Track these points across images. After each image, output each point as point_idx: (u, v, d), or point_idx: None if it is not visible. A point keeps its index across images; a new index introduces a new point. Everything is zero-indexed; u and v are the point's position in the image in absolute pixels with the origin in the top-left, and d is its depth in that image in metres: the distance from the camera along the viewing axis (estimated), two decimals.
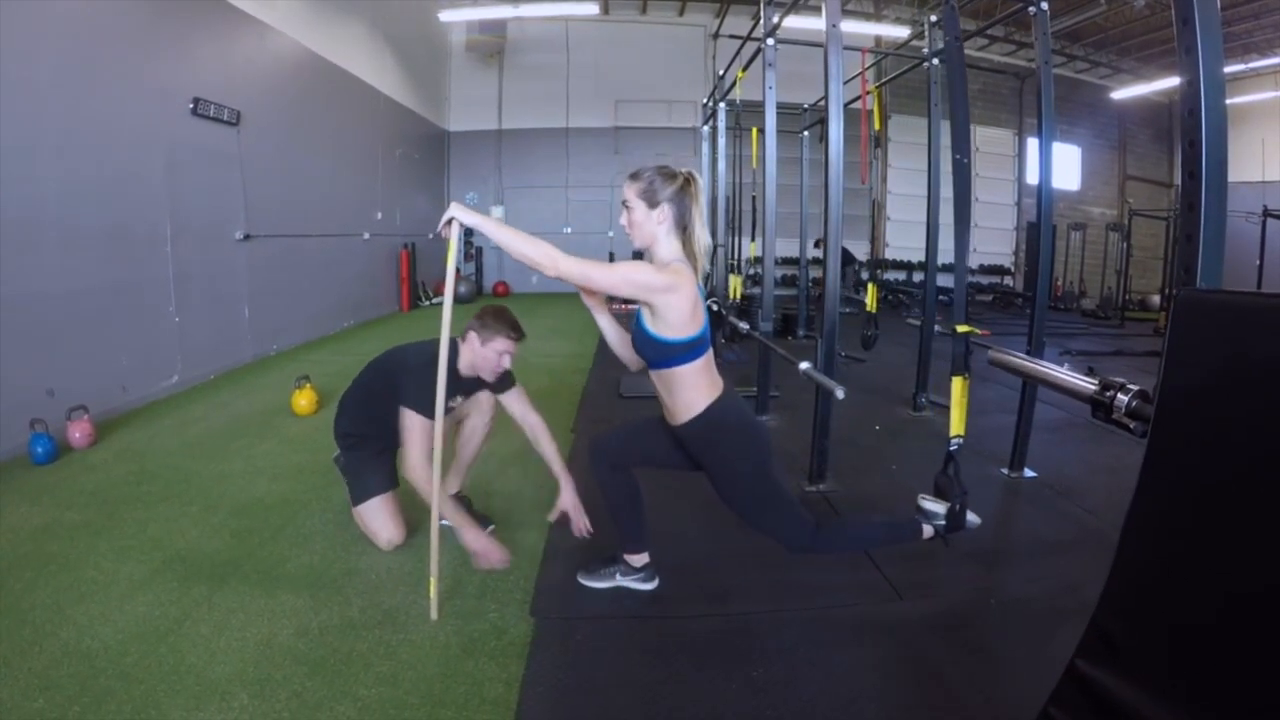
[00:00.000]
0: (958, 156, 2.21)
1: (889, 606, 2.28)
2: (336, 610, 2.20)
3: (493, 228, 2.00)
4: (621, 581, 2.33)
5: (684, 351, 1.96)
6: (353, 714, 1.73)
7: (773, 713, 1.75)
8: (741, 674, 1.90)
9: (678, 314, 1.91)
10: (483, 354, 2.49)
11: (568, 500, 2.45)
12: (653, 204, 1.98)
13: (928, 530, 2.28)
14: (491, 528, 2.79)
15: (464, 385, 2.62)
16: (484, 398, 2.76)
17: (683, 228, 2.01)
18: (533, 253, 1.90)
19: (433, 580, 2.15)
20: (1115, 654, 1.20)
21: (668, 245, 2.01)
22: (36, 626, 2.05)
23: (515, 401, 2.67)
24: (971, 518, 2.30)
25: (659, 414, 2.18)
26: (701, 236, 2.02)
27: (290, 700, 1.77)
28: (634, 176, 2.01)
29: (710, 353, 2.04)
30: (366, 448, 2.69)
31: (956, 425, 2.31)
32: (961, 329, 2.35)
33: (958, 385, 2.35)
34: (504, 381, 2.65)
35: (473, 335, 2.51)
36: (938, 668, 1.96)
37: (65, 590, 2.26)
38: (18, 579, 2.32)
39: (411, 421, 2.41)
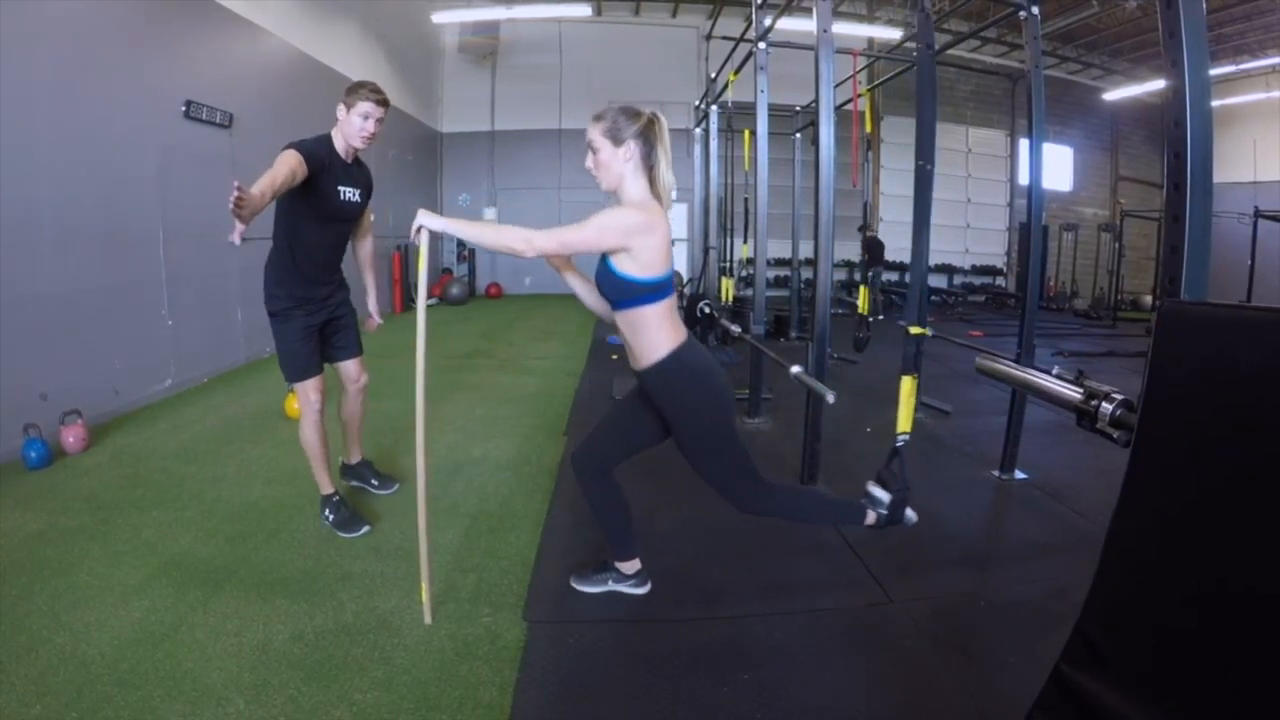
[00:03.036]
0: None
1: (879, 609, 2.30)
2: (331, 615, 2.21)
3: (463, 228, 2.00)
4: (614, 586, 2.34)
5: (649, 292, 1.94)
6: (348, 718, 1.74)
7: (764, 715, 1.77)
8: (733, 678, 1.92)
9: (653, 254, 1.89)
10: (349, 122, 2.56)
11: (373, 305, 3.03)
12: (618, 141, 1.94)
13: (871, 516, 2.28)
14: (397, 486, 3.19)
15: (350, 174, 2.67)
16: (353, 392, 3.00)
17: (649, 167, 1.97)
18: (507, 240, 1.90)
19: (424, 584, 2.16)
20: (1099, 660, 1.22)
21: (635, 184, 1.97)
22: (32, 633, 2.05)
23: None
24: (910, 514, 2.30)
25: (629, 396, 2.23)
26: (666, 176, 1.99)
27: (286, 705, 1.78)
28: (598, 117, 1.97)
29: (674, 298, 2.03)
30: (283, 315, 2.67)
31: (904, 422, 2.37)
32: (915, 330, 2.45)
33: (907, 384, 2.43)
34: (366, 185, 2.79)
35: (340, 108, 2.57)
36: (927, 670, 1.98)
37: (60, 596, 2.26)
38: (12, 585, 2.32)
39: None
